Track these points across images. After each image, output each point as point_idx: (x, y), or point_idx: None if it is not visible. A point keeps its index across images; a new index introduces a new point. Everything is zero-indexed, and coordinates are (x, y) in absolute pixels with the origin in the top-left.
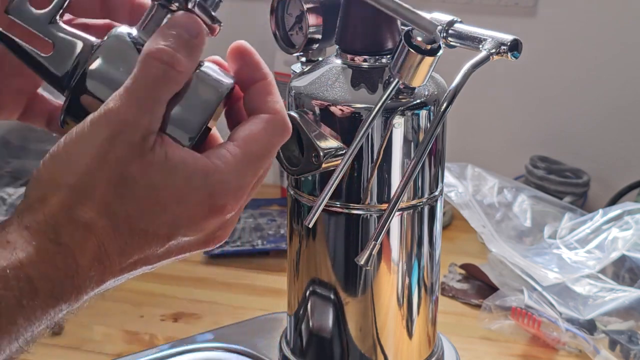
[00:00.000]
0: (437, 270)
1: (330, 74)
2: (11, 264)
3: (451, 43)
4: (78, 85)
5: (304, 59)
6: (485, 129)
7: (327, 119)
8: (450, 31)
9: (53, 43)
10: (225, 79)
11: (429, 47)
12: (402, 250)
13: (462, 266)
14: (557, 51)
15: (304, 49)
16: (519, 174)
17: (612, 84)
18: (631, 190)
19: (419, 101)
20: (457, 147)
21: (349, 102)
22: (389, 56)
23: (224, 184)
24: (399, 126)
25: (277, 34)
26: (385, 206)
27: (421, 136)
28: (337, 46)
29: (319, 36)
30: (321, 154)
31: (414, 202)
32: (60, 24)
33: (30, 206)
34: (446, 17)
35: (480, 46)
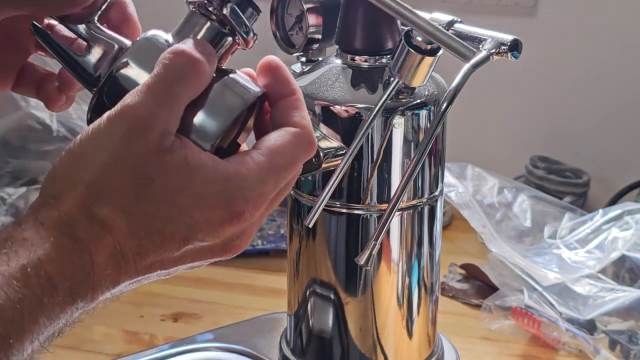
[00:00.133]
0: (437, 270)
1: (330, 74)
2: (31, 262)
3: None
4: (106, 84)
5: (304, 59)
6: (485, 129)
7: (327, 119)
8: (450, 31)
9: (88, 43)
10: (253, 87)
11: (428, 47)
12: (402, 250)
13: (462, 266)
14: (557, 51)
15: (304, 49)
16: (519, 174)
17: (612, 84)
18: (631, 190)
19: (419, 101)
20: (457, 147)
21: (349, 102)
22: (389, 56)
23: (245, 190)
24: (399, 126)
25: (277, 34)
26: (385, 206)
27: (421, 136)
28: (337, 46)
29: (319, 36)
30: (321, 154)
31: (414, 202)
32: (97, 24)
33: (45, 203)
34: (446, 17)
35: (480, 46)
